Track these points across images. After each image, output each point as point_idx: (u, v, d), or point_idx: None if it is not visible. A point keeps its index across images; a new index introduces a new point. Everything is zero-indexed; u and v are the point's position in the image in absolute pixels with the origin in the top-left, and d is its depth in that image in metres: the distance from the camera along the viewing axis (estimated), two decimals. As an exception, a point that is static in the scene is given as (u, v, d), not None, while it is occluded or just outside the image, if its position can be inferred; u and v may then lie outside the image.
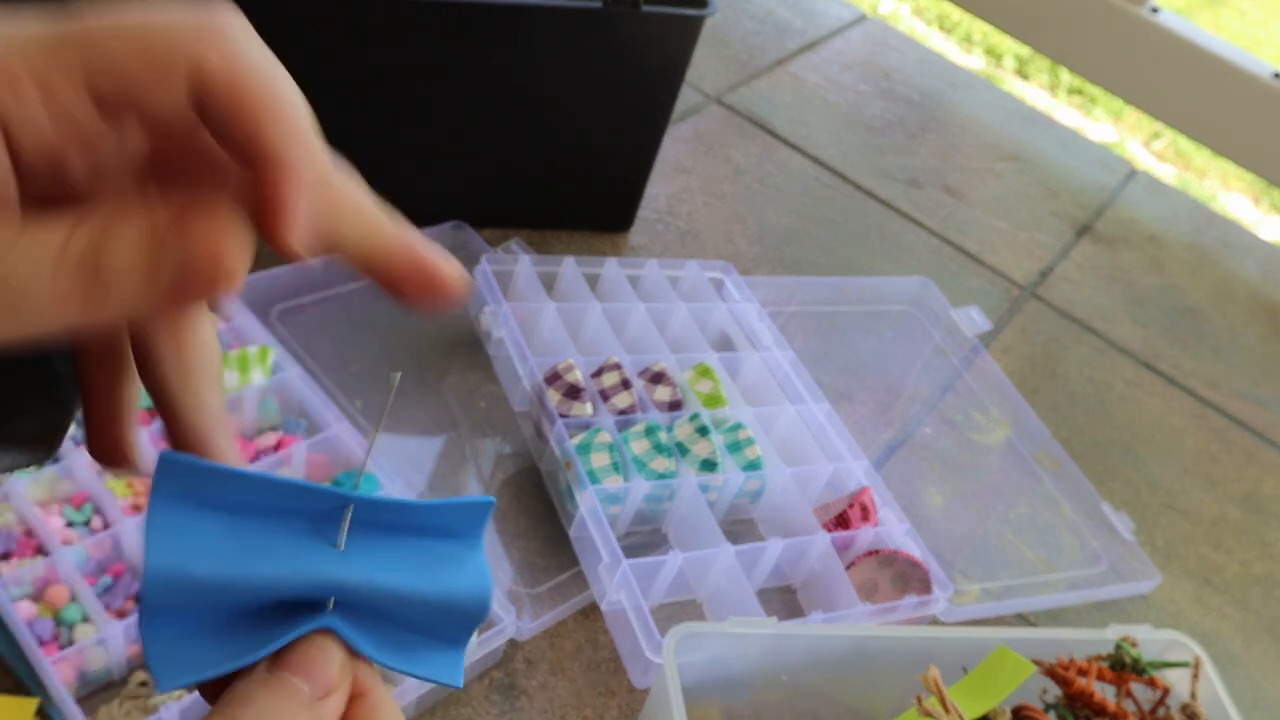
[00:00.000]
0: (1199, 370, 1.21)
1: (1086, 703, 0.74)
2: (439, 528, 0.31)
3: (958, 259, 1.24)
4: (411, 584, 0.30)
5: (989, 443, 1.04)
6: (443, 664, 0.32)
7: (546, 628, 0.80)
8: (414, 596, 0.30)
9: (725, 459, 0.85)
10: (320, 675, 0.29)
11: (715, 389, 0.90)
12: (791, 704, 0.77)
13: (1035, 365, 1.15)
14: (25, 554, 0.72)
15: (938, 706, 0.67)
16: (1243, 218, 1.73)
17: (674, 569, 0.79)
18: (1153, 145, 1.87)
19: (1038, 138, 1.47)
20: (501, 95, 0.96)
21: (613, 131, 1.02)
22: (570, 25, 0.93)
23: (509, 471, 0.89)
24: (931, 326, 1.13)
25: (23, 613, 0.69)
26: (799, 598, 0.87)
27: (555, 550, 0.84)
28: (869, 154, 1.34)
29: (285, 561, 0.29)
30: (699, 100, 1.32)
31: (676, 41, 0.97)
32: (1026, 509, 0.99)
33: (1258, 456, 1.14)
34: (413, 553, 0.31)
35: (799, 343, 1.03)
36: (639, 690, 0.78)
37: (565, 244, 1.07)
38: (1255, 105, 1.43)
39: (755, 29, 1.47)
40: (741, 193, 1.22)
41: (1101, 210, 1.39)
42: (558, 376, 0.86)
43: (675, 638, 0.68)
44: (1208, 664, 0.79)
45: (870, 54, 1.51)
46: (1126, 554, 0.97)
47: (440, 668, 0.31)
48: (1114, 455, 1.08)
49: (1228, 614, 0.98)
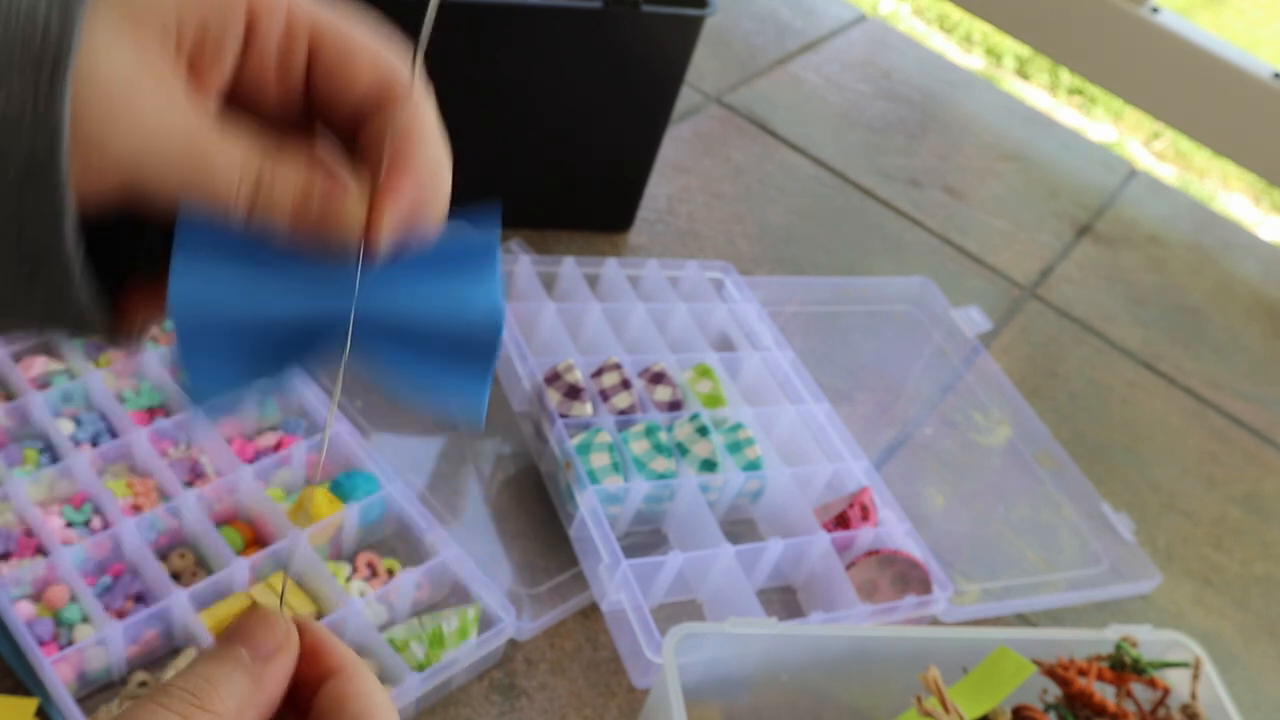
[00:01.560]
0: (1199, 370, 1.21)
1: (1086, 703, 0.74)
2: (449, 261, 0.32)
3: (958, 259, 1.24)
4: (423, 305, 0.31)
5: (989, 443, 1.04)
6: (463, 399, 0.32)
7: (546, 628, 0.80)
8: (426, 317, 0.31)
9: (725, 459, 0.85)
10: (260, 641, 0.31)
11: (715, 389, 0.90)
12: (791, 704, 0.77)
13: (1035, 365, 1.15)
14: (25, 554, 0.72)
15: (938, 706, 0.67)
16: (1243, 218, 1.73)
17: (674, 569, 0.79)
18: (1153, 145, 1.87)
19: (1038, 138, 1.47)
20: (502, 95, 0.96)
21: (613, 131, 1.02)
22: (570, 25, 0.93)
23: (509, 471, 0.89)
24: (931, 326, 1.13)
25: (22, 613, 0.69)
26: (799, 598, 0.87)
27: (555, 550, 0.84)
28: (869, 154, 1.34)
29: (300, 291, 0.30)
30: (699, 100, 1.32)
31: (676, 41, 0.97)
32: (1027, 509, 0.99)
33: (1258, 456, 1.14)
34: (425, 282, 0.32)
35: (799, 343, 1.03)
36: (639, 690, 0.78)
37: (565, 244, 1.07)
38: (1255, 105, 1.43)
39: (755, 29, 1.47)
40: (741, 193, 1.22)
41: (1102, 210, 1.39)
42: (558, 376, 0.86)
43: (675, 638, 0.68)
44: (1208, 664, 0.79)
45: (870, 54, 1.51)
46: (1127, 554, 0.97)
47: (460, 402, 0.32)
48: (1114, 455, 1.08)
49: (1228, 614, 0.98)
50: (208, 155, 0.29)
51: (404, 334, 0.31)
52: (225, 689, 0.30)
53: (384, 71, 0.32)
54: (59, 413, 0.80)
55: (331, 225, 0.30)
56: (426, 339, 0.31)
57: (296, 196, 0.30)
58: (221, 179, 0.29)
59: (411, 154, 0.32)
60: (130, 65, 0.28)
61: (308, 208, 0.30)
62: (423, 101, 0.33)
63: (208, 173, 0.29)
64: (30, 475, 0.74)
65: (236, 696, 0.30)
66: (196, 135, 0.29)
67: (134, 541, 0.72)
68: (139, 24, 0.29)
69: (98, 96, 0.27)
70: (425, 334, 0.31)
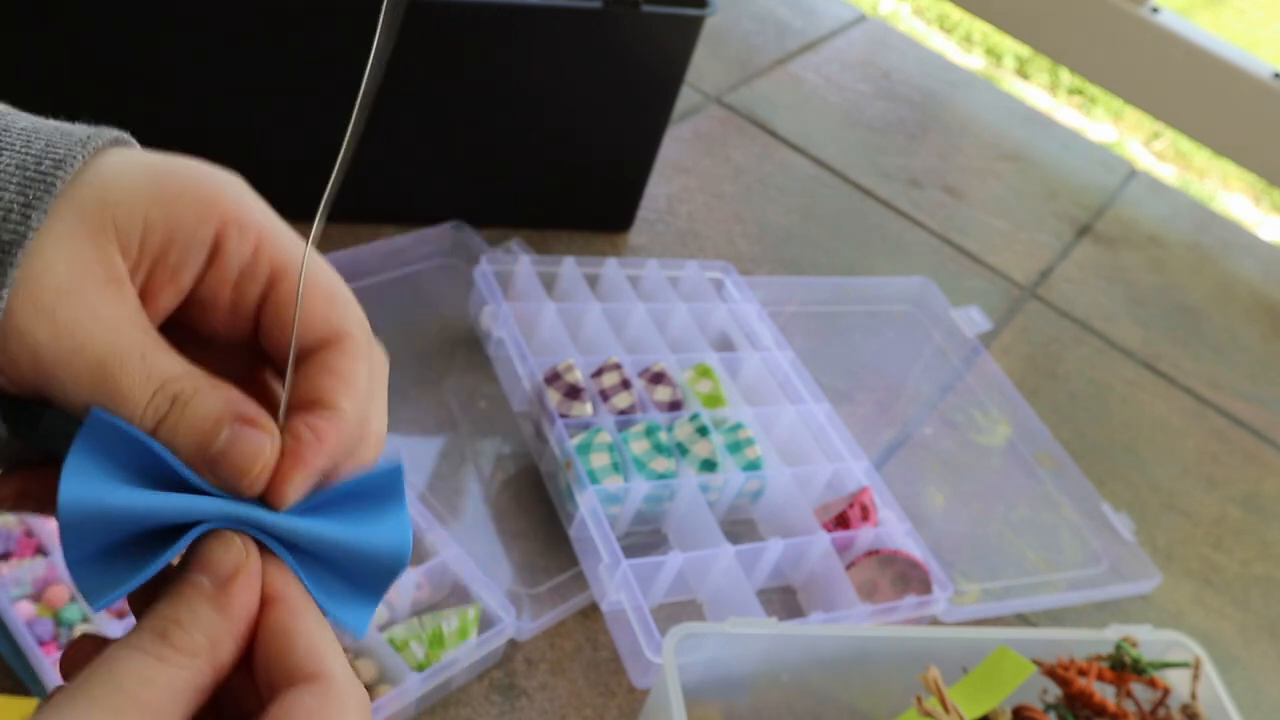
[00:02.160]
0: (1199, 370, 1.21)
1: (1086, 703, 0.74)
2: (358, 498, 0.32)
3: (958, 259, 1.24)
4: (330, 531, 0.31)
5: (989, 443, 1.04)
6: (354, 610, 0.32)
7: (546, 628, 0.80)
8: (332, 541, 0.31)
9: (725, 459, 0.85)
10: (217, 565, 0.29)
11: (715, 389, 0.90)
12: (791, 704, 0.77)
13: (1035, 365, 1.15)
14: (25, 554, 0.72)
15: (938, 706, 0.67)
16: (1243, 218, 1.73)
17: (674, 569, 0.79)
18: (1153, 145, 1.87)
19: (1038, 138, 1.47)
20: (501, 95, 0.96)
21: (613, 131, 1.02)
22: (570, 25, 0.93)
23: (509, 471, 0.89)
24: (931, 326, 1.13)
25: (22, 613, 0.69)
26: (799, 598, 0.87)
27: (555, 550, 0.84)
28: (869, 154, 1.34)
29: (200, 499, 0.30)
30: (699, 100, 1.32)
31: (676, 41, 0.97)
32: (1027, 509, 0.99)
33: (1258, 456, 1.14)
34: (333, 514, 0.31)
35: (799, 343, 1.03)
36: (639, 690, 0.78)
37: (565, 244, 1.07)
38: (1255, 105, 1.43)
39: (755, 29, 1.47)
40: (741, 193, 1.22)
41: (1102, 210, 1.39)
42: (558, 376, 0.86)
43: (675, 638, 0.68)
44: (1208, 664, 0.79)
45: (870, 54, 1.51)
46: (1127, 554, 0.97)
47: (350, 612, 0.32)
48: (1114, 455, 1.08)
49: (1228, 614, 0.98)
50: (121, 371, 0.29)
51: (305, 554, 0.31)
52: (192, 623, 0.28)
53: (335, 318, 0.32)
54: (59, 413, 0.79)
55: (232, 469, 0.29)
56: (328, 564, 0.31)
57: (205, 430, 0.29)
58: (129, 398, 0.29)
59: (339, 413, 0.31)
60: (71, 274, 0.29)
61: (212, 444, 0.29)
62: (359, 351, 0.32)
63: (116, 388, 0.29)
64: (30, 475, 0.74)
65: (205, 629, 0.29)
66: (115, 350, 0.29)
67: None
68: (100, 230, 0.29)
69: (31, 297, 0.28)
70: (327, 559, 0.31)
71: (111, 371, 0.29)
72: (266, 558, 0.30)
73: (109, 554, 0.29)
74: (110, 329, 0.29)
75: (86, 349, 0.29)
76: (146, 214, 0.30)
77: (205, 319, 0.32)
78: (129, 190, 0.30)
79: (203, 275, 0.31)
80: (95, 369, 0.29)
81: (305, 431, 0.30)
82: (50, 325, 0.28)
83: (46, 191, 0.28)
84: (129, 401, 0.29)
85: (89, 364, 0.29)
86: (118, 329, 0.29)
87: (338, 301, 0.32)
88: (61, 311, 0.28)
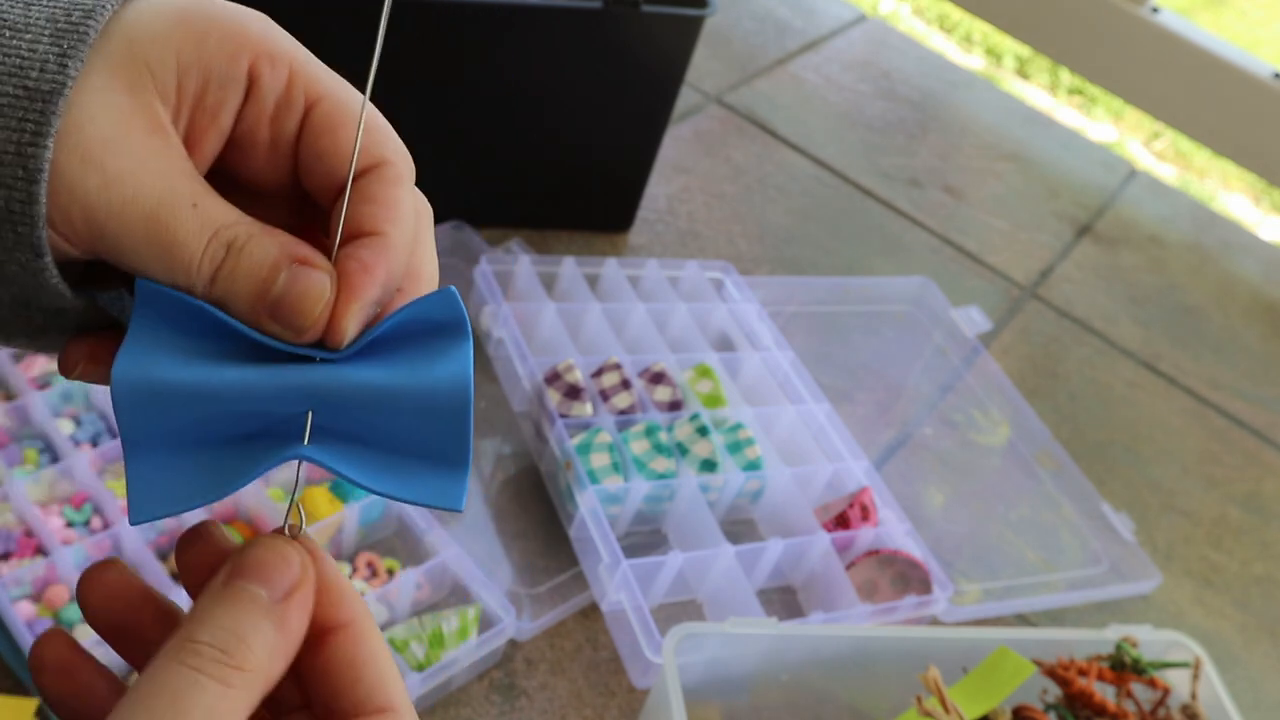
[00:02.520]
0: (1199, 370, 1.21)
1: (1086, 703, 0.74)
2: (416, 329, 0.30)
3: (958, 259, 1.24)
4: (389, 379, 0.29)
5: (989, 443, 1.04)
6: (439, 487, 0.30)
7: (546, 628, 0.80)
8: (393, 391, 0.29)
9: (725, 459, 0.85)
10: (277, 577, 0.28)
11: (715, 389, 0.90)
12: (791, 704, 0.77)
13: (1035, 365, 1.15)
14: (25, 554, 0.72)
15: (938, 706, 0.67)
16: (1243, 218, 1.73)
17: (674, 569, 0.79)
18: (1153, 145, 1.87)
19: (1038, 138, 1.47)
20: (501, 95, 0.96)
21: (613, 131, 1.02)
22: (570, 25, 0.93)
23: (509, 471, 0.89)
24: (931, 326, 1.13)
25: (22, 613, 0.69)
26: (799, 598, 0.87)
27: (555, 550, 0.84)
28: (869, 154, 1.34)
29: (256, 368, 0.28)
30: (699, 100, 1.32)
31: (676, 41, 0.97)
32: (1027, 509, 0.99)
33: (1258, 456, 1.14)
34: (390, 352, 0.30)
35: (799, 343, 1.03)
36: (639, 690, 0.78)
37: (565, 244, 1.07)
38: (1255, 105, 1.43)
39: (755, 29, 1.47)
40: (741, 193, 1.22)
41: (1102, 210, 1.39)
42: (558, 376, 0.86)
43: (675, 638, 0.68)
44: (1208, 664, 0.79)
45: (870, 54, 1.51)
46: (1127, 554, 0.97)
47: (436, 490, 0.30)
48: (1114, 455, 1.08)
49: (1228, 614, 0.98)
50: (175, 220, 0.28)
51: (370, 415, 0.29)
52: (255, 640, 0.27)
53: (373, 145, 0.31)
54: (59, 413, 0.80)
55: (293, 311, 0.29)
56: (395, 420, 0.29)
57: (262, 275, 0.29)
58: (185, 247, 0.28)
59: (384, 239, 0.30)
60: (115, 122, 0.28)
61: (270, 289, 0.29)
62: (400, 177, 0.31)
63: (171, 238, 0.28)
64: (30, 475, 0.74)
65: (266, 647, 0.27)
66: (167, 199, 0.28)
67: (134, 542, 0.72)
68: (137, 78, 0.29)
69: (77, 149, 0.27)
70: (393, 410, 0.29)
71: (165, 221, 0.28)
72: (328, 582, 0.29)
73: (169, 453, 0.28)
74: (160, 177, 0.28)
75: (138, 199, 0.28)
76: (179, 58, 0.29)
77: (247, 163, 0.32)
78: (159, 36, 0.29)
79: (240, 113, 0.31)
80: (148, 219, 0.28)
81: (353, 264, 0.29)
82: (99, 175, 0.28)
83: (81, 41, 0.28)
84: (185, 250, 0.28)
85: (142, 214, 0.28)
86: (167, 177, 0.29)
87: (374, 129, 0.31)
88: (110, 161, 0.28)
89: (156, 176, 0.28)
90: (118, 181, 0.28)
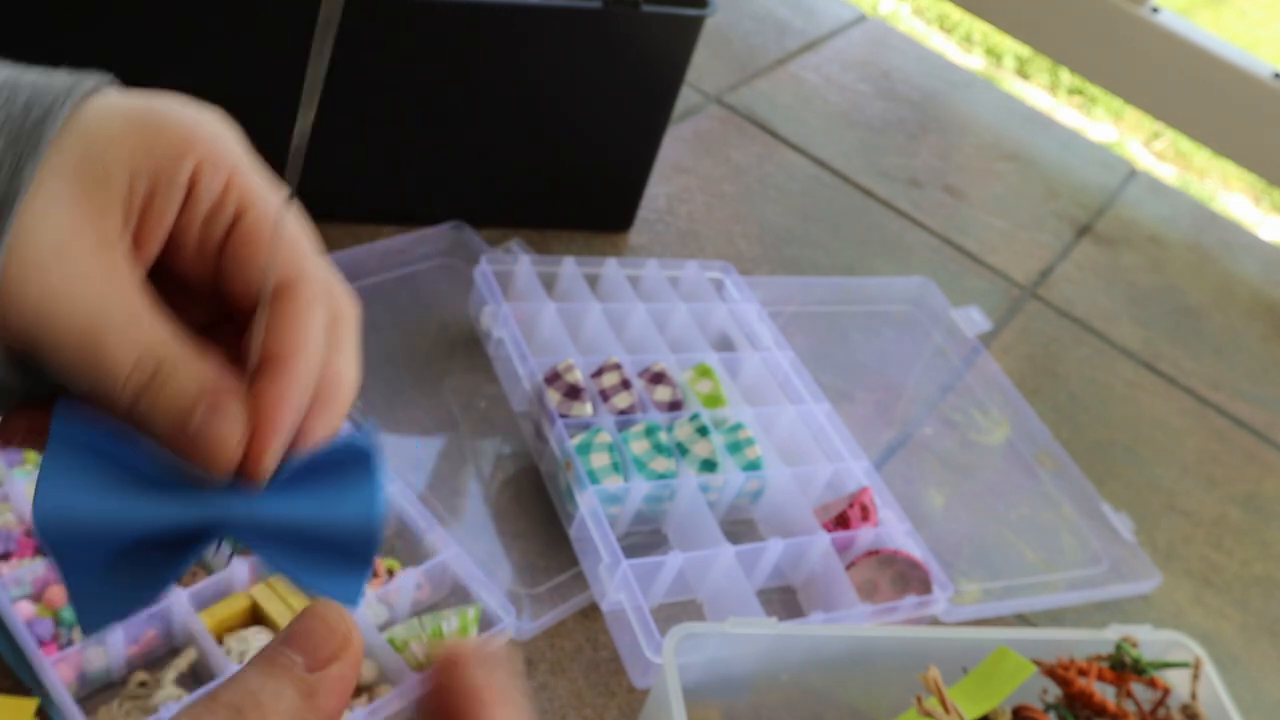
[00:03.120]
0: (1199, 370, 1.21)
1: (1087, 703, 0.74)
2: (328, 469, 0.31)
3: (958, 259, 1.24)
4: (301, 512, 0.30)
5: (989, 443, 1.04)
6: (342, 583, 0.31)
7: (546, 628, 0.80)
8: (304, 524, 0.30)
9: (725, 459, 0.85)
10: (317, 646, 0.28)
11: (715, 389, 0.90)
12: (791, 704, 0.77)
13: (1035, 365, 1.15)
14: (25, 554, 0.72)
15: (938, 706, 0.67)
16: (1243, 218, 1.73)
17: (674, 569, 0.79)
18: (1153, 145, 1.87)
19: (1038, 138, 1.47)
20: (501, 95, 0.96)
21: (612, 131, 1.02)
22: (570, 25, 0.93)
23: (509, 471, 0.89)
24: (931, 326, 1.13)
25: (22, 613, 0.69)
26: (799, 598, 0.87)
27: (555, 550, 0.84)
28: (869, 154, 1.34)
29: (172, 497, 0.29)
30: (699, 100, 1.32)
31: (676, 41, 0.97)
32: (1027, 509, 0.99)
33: (1258, 456, 1.14)
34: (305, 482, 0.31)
35: (799, 343, 1.03)
36: (639, 690, 0.78)
37: (565, 244, 1.07)
38: (1255, 105, 1.43)
39: (755, 29, 1.47)
40: (741, 193, 1.22)
41: (1102, 210, 1.39)
42: (558, 376, 0.86)
43: (675, 638, 0.68)
44: (1208, 664, 0.79)
45: (870, 54, 1.51)
46: (1127, 554, 0.97)
47: (338, 587, 0.31)
48: (1114, 455, 1.08)
49: (1228, 614, 0.98)
50: (106, 336, 0.29)
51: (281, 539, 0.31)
52: (273, 705, 0.27)
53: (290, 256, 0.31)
54: (59, 413, 0.79)
55: (207, 453, 0.29)
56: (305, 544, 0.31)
57: (182, 407, 0.29)
58: (115, 363, 0.29)
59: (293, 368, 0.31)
60: (64, 232, 0.28)
61: (188, 423, 0.29)
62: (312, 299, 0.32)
63: (101, 353, 0.29)
64: (30, 475, 0.74)
65: (287, 713, 0.27)
66: (102, 315, 0.29)
67: (134, 541, 0.72)
68: (91, 185, 0.29)
69: (25, 257, 0.28)
70: (303, 540, 0.31)
71: (97, 336, 0.29)
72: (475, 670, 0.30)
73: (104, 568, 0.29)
74: (98, 295, 0.29)
75: (74, 313, 0.29)
76: (132, 162, 0.30)
77: (176, 259, 0.32)
78: (114, 139, 0.30)
79: (178, 214, 0.31)
80: (82, 333, 0.29)
81: (267, 400, 0.30)
82: (40, 286, 0.28)
83: (35, 148, 0.28)
84: (114, 367, 0.29)
85: (77, 327, 0.29)
86: (106, 294, 0.29)
87: (292, 242, 0.32)
88: (54, 272, 0.28)
89: (96, 293, 0.29)
90: (57, 295, 0.28)
